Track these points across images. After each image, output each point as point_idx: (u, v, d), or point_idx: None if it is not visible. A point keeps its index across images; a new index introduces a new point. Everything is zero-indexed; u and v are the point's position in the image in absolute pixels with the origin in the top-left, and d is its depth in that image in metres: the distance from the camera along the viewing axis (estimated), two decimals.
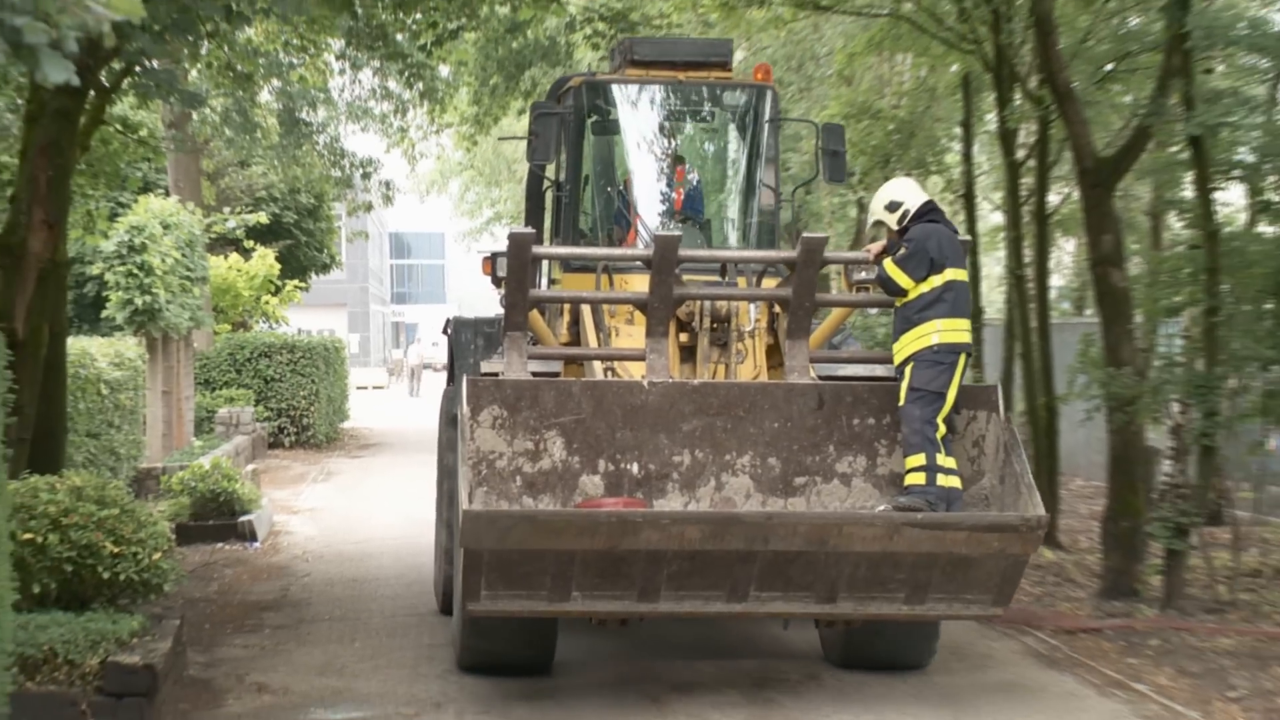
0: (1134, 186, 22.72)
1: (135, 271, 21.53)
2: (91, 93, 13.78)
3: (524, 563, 8.21)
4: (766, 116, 11.84)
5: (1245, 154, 15.53)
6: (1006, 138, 20.87)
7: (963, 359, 9.30)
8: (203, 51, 14.87)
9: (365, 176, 29.63)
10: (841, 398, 9.78)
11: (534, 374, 10.00)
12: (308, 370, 31.52)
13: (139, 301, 21.63)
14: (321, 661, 12.38)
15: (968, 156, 23.53)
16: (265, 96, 22.51)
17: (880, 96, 22.43)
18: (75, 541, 11.41)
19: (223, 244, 30.02)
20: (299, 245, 34.24)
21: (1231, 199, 18.45)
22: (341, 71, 23.33)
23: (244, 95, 21.82)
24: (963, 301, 9.29)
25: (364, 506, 23.77)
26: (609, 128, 12.00)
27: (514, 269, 9.46)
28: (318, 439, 31.68)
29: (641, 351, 9.83)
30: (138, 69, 13.21)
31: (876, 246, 9.77)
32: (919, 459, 9.05)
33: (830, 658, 10.99)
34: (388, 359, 67.92)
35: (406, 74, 19.22)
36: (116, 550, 11.59)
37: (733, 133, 12.22)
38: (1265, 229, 16.52)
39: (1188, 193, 16.97)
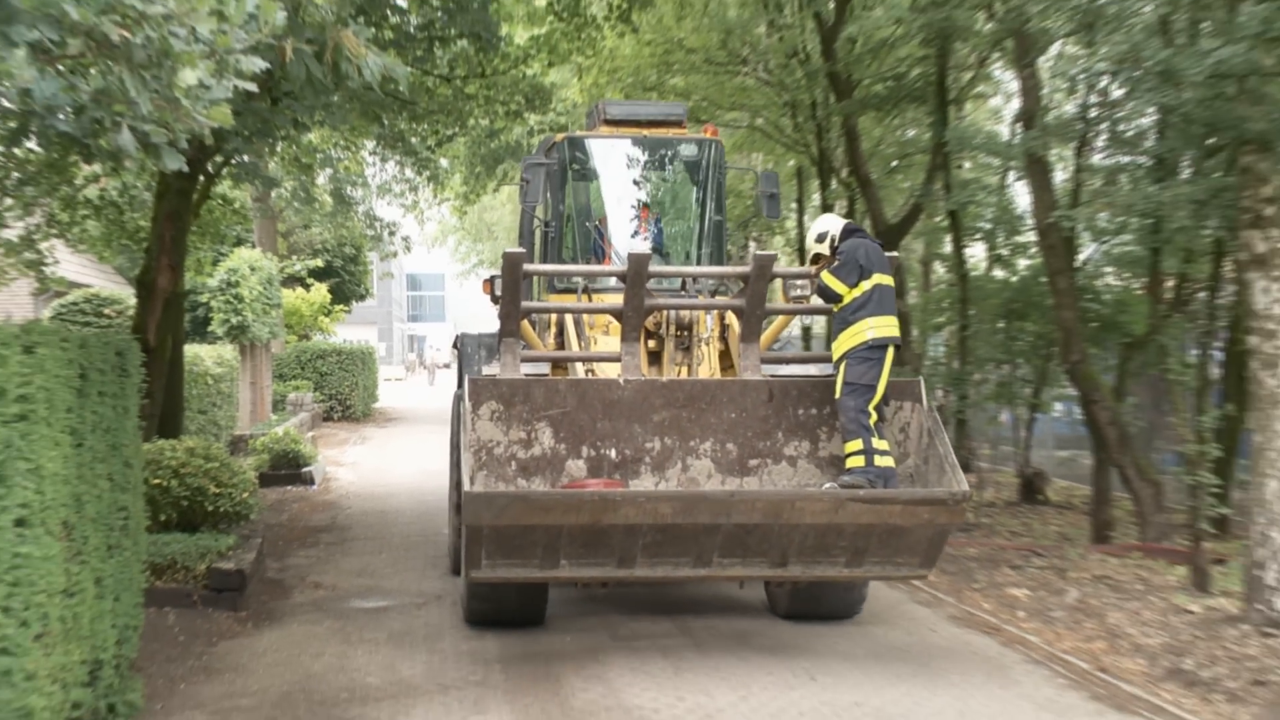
0: (912, 243, 25.67)
1: (231, 300, 24.75)
2: (200, 177, 15.12)
3: (518, 536, 8.18)
4: (714, 164, 12.24)
5: (985, 223, 19.69)
6: (827, 210, 23.62)
7: (890, 352, 9.31)
8: (277, 149, 16.15)
9: (390, 234, 33.00)
10: (788, 392, 9.91)
11: (526, 375, 10.08)
12: (349, 367, 36.08)
13: (234, 320, 24.88)
14: (358, 567, 13.99)
15: (800, 223, 29.41)
16: (321, 180, 24.64)
17: (741, 181, 23.97)
18: (189, 485, 13.02)
19: (291, 281, 34.53)
20: (344, 282, 38.73)
21: (976, 253, 22.02)
22: (373, 163, 25.50)
23: (306, 179, 24.74)
24: (889, 301, 9.34)
25: (388, 461, 26.14)
26: (586, 175, 12.30)
27: (508, 284, 9.46)
28: (356, 415, 36.19)
29: (617, 354, 9.95)
30: (233, 161, 14.41)
31: (816, 265, 10.07)
32: (857, 444, 9.10)
33: (776, 611, 11.22)
34: (404, 360, 71.72)
35: (417, 164, 20.81)
36: (218, 491, 13.23)
37: (688, 177, 12.45)
38: (997, 273, 20.44)
39: (947, 248, 21.53)
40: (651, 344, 10.84)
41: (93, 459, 7.05)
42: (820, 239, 9.99)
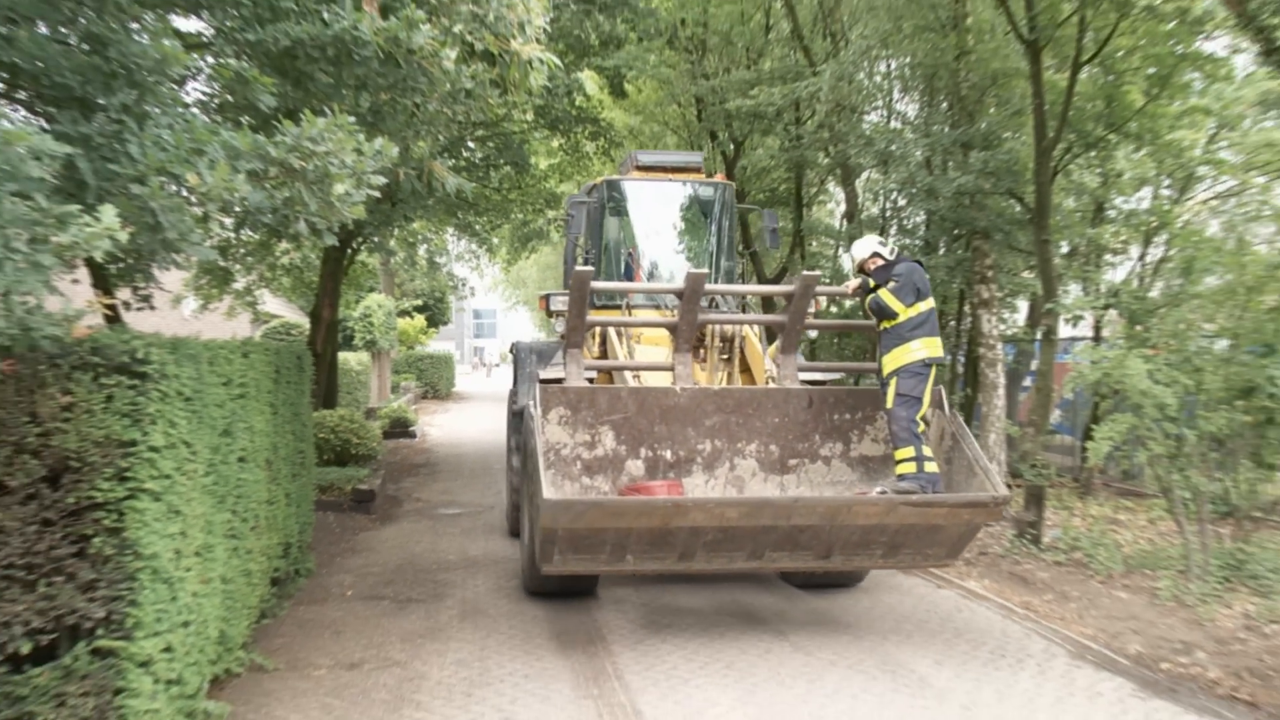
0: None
1: (367, 325, 24.09)
2: (348, 250, 15.37)
3: (590, 537, 5.93)
4: (727, 203, 9.61)
5: (825, 278, 18.69)
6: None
7: (934, 370, 6.96)
8: (394, 233, 15.93)
9: (462, 285, 33.66)
10: (825, 399, 7.46)
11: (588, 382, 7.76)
12: (437, 366, 35.28)
13: (368, 337, 24.19)
14: (443, 488, 13.83)
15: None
16: (420, 251, 24.53)
17: (744, 218, 23.39)
18: (340, 437, 13.27)
19: (402, 313, 33.32)
20: (435, 313, 37.83)
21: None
22: (451, 240, 25.23)
23: (410, 250, 24.75)
24: (935, 324, 7.05)
25: (461, 423, 25.59)
26: (620, 211, 9.60)
27: (576, 300, 7.03)
28: (442, 395, 35.17)
29: (669, 364, 7.52)
30: (367, 240, 14.87)
31: (853, 284, 7.33)
32: (909, 451, 6.74)
33: (791, 581, 8.34)
34: (470, 361, 72.21)
35: (479, 241, 20.67)
36: (358, 441, 13.48)
37: (705, 214, 9.69)
38: (834, 309, 19.26)
39: None
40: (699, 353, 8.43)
41: (283, 421, 7.08)
42: (872, 255, 7.21)
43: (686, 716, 5.28)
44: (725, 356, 8.22)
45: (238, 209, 4.25)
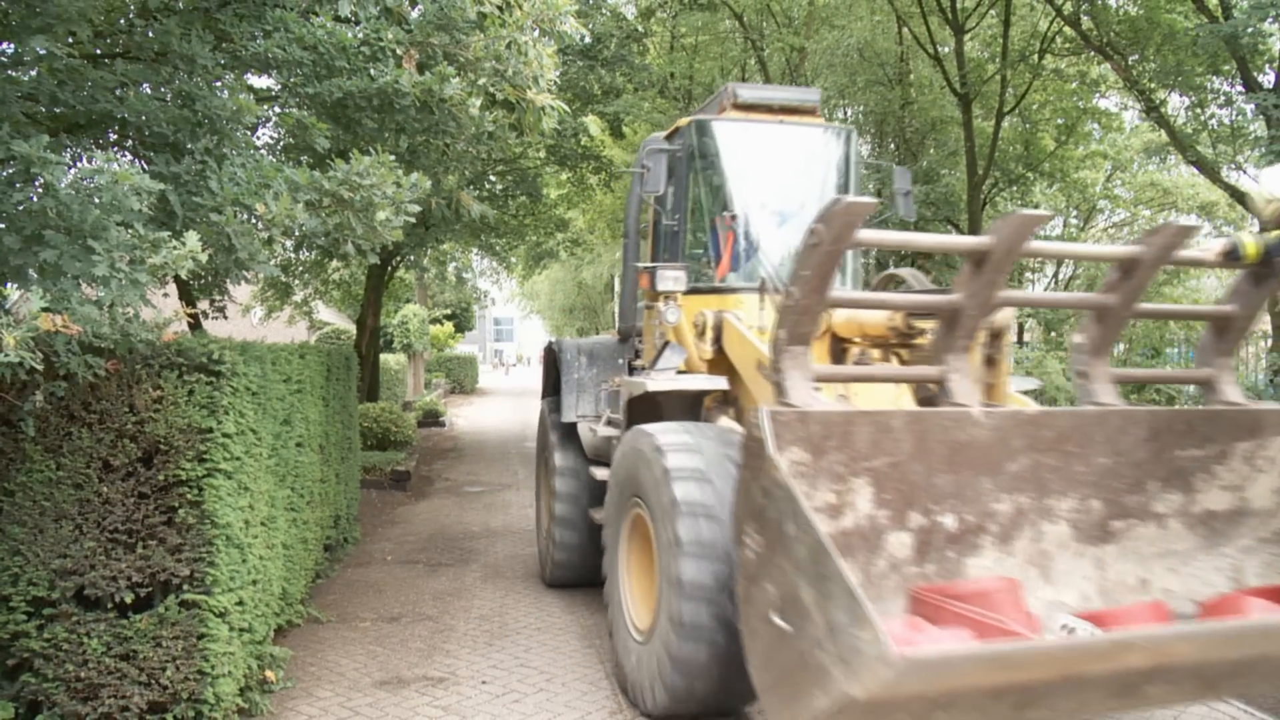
0: None
1: (404, 331, 24.26)
2: (388, 267, 15.19)
3: (934, 703, 2.51)
4: (851, 156, 6.08)
5: None
6: None
7: None
8: (427, 253, 15.79)
9: (484, 296, 33.54)
10: (1172, 426, 3.76)
11: (824, 407, 3.49)
12: (464, 366, 35.15)
13: (405, 341, 24.32)
14: (469, 469, 13.68)
15: None
16: (450, 268, 24.50)
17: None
18: (381, 425, 13.19)
19: (434, 320, 33.38)
20: (461, 321, 38.06)
21: None
22: (476, 259, 25.02)
23: (441, 267, 24.24)
24: None
25: (484, 413, 25.26)
26: (714, 162, 5.93)
27: (818, 259, 3.05)
28: (468, 390, 35.05)
29: (939, 372, 3.59)
30: (404, 259, 14.72)
31: (1218, 245, 3.75)
32: None
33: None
34: (491, 361, 71.98)
35: (498, 259, 20.53)
36: (395, 429, 13.41)
37: (822, 169, 6.00)
38: None
39: None
40: (877, 354, 4.68)
41: (333, 412, 7.08)
42: None
43: None
44: (992, 360, 4.37)
45: (297, 233, 4.31)
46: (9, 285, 3.82)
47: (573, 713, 4.51)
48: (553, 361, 6.85)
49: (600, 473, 5.72)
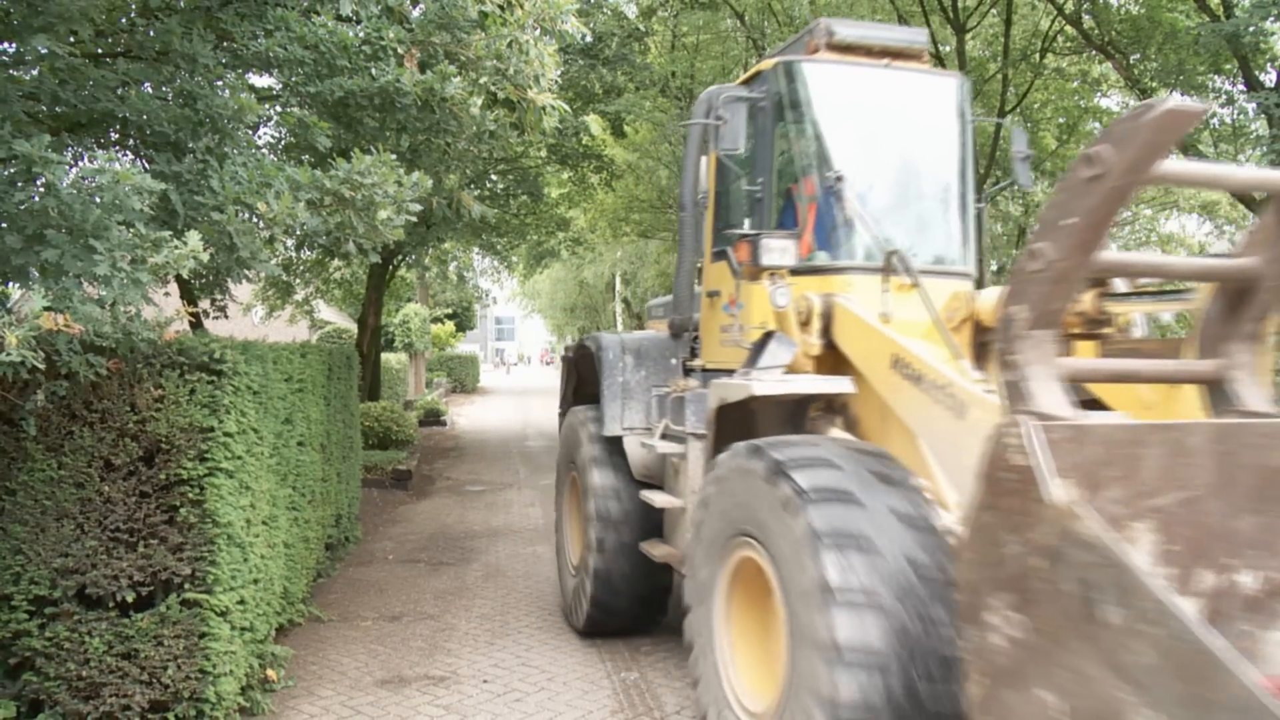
0: None
1: (405, 330, 24.13)
2: (389, 266, 15.21)
3: None
4: (966, 111, 4.77)
5: None
6: None
7: None
8: (428, 252, 15.89)
9: (485, 295, 33.11)
10: None
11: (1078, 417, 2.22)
12: (465, 365, 35.15)
13: (406, 340, 24.20)
14: (470, 468, 13.61)
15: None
16: (451, 267, 24.46)
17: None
18: (383, 425, 13.08)
19: (435, 320, 33.41)
20: (462, 320, 38.06)
21: None
22: (477, 258, 24.94)
23: (442, 266, 24.46)
24: None
25: (485, 412, 25.22)
26: (808, 113, 4.54)
27: (1105, 199, 1.87)
28: (469, 389, 34.83)
29: (1217, 368, 2.34)
30: (405, 258, 14.86)
31: None
32: None
33: None
34: (492, 360, 71.83)
35: (499, 259, 20.49)
36: (397, 428, 13.33)
37: (933, 123, 4.69)
38: None
39: None
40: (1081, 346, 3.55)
41: (334, 411, 7.05)
42: None
43: (678, 656, 5.29)
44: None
45: (298, 232, 4.29)
46: (10, 285, 3.82)
47: (574, 712, 4.52)
48: (582, 364, 5.75)
49: (658, 498, 4.77)
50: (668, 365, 5.16)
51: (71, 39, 4.20)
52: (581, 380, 5.84)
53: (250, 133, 4.77)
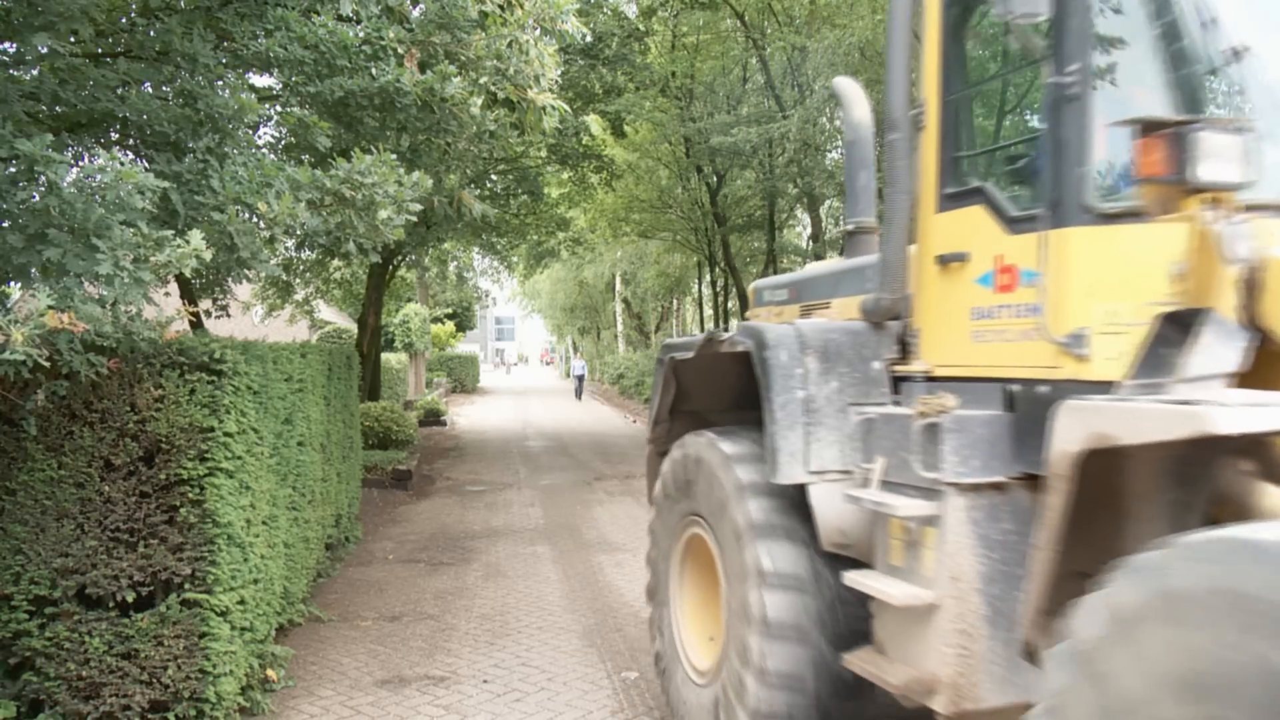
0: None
1: (405, 330, 24.31)
2: (390, 266, 15.32)
3: None
4: None
5: None
6: (713, 284, 23.94)
7: None
8: (428, 252, 16.31)
9: (485, 295, 32.95)
10: None
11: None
12: (465, 365, 35.81)
13: (406, 340, 24.38)
14: (470, 468, 13.74)
15: (700, 289, 28.03)
16: (451, 267, 24.47)
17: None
18: (383, 425, 13.11)
19: (435, 320, 33.54)
20: (463, 320, 38.18)
21: None
22: (477, 257, 24.94)
23: (442, 266, 24.69)
24: None
25: (485, 412, 25.48)
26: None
27: None
28: (469, 389, 35.35)
29: None
30: (405, 257, 15.09)
31: None
32: None
33: None
34: (492, 361, 71.71)
35: (500, 259, 20.53)
36: (397, 428, 13.37)
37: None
38: None
39: None
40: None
41: (334, 411, 7.06)
42: None
43: None
44: None
45: (298, 232, 4.29)
46: (12, 284, 3.82)
47: (574, 712, 4.52)
48: (683, 369, 4.11)
49: (874, 584, 2.89)
50: (866, 371, 3.31)
51: (72, 39, 4.21)
52: (682, 392, 4.21)
53: (250, 133, 4.78)
